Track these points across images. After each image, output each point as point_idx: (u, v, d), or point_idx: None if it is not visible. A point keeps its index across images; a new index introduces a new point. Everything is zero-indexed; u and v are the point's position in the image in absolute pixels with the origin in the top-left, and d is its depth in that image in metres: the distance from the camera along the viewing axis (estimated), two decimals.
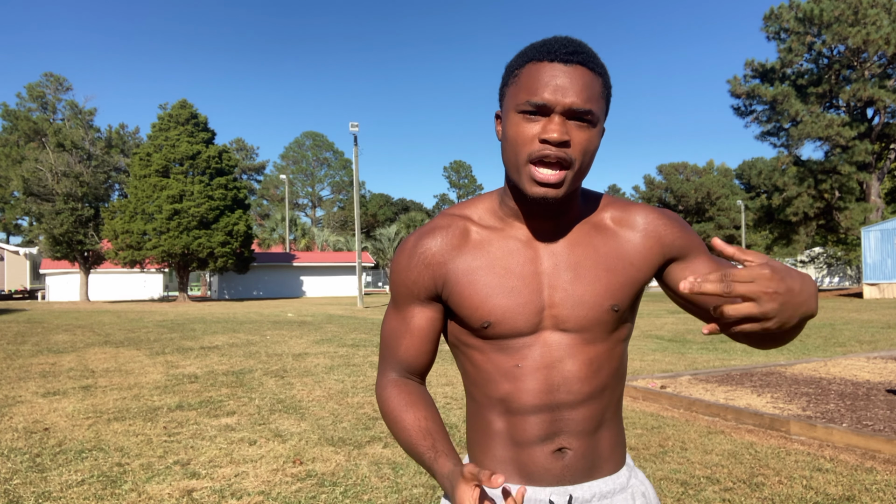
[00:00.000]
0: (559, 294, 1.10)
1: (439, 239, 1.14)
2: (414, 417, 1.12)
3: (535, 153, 1.01)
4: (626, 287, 1.12)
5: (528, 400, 1.11)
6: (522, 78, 1.04)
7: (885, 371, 7.86)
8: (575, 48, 1.03)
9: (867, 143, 33.97)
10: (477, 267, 1.12)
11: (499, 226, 1.15)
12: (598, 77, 1.04)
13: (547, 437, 1.11)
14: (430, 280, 1.14)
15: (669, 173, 77.18)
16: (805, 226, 39.17)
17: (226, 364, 9.76)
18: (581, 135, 1.02)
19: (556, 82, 1.00)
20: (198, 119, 38.63)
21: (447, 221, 1.17)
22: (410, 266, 1.15)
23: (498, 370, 1.12)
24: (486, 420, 1.16)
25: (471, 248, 1.13)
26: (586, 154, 1.04)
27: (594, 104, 1.02)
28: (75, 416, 6.15)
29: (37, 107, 56.04)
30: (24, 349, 11.95)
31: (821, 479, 4.00)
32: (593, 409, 1.13)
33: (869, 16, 31.44)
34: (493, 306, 1.09)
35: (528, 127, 1.02)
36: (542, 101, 1.00)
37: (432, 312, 1.17)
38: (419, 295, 1.16)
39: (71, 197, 37.37)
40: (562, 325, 1.11)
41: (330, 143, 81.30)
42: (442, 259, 1.13)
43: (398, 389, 1.17)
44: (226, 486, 4.07)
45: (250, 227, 39.72)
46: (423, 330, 1.18)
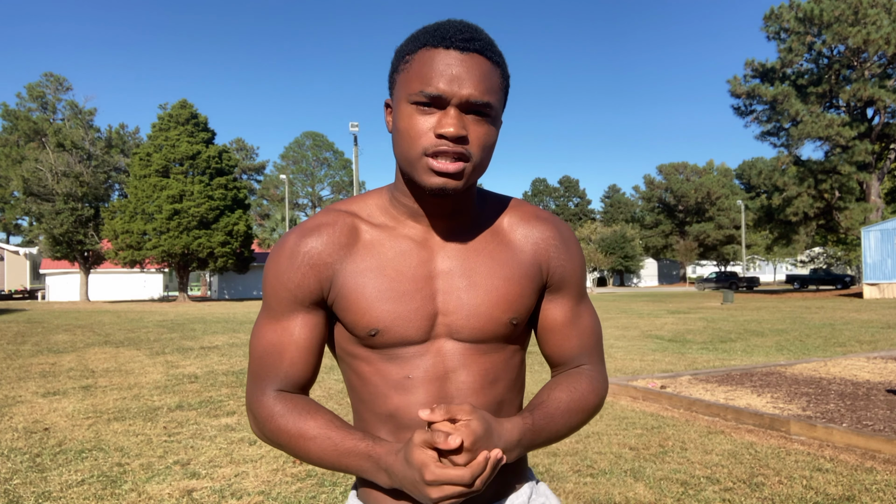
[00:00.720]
0: (453, 301, 1.02)
1: (325, 237, 1.03)
2: (322, 420, 0.99)
3: (431, 148, 0.93)
4: (524, 299, 1.05)
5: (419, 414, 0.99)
6: (415, 65, 0.94)
7: (885, 371, 7.86)
8: (472, 34, 0.94)
9: (867, 143, 33.96)
10: (365, 269, 1.02)
11: (390, 224, 1.05)
12: (496, 67, 0.96)
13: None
14: (315, 283, 1.02)
15: (669, 173, 77.16)
16: (805, 226, 39.16)
17: (226, 364, 9.76)
18: (479, 129, 0.94)
19: (452, 72, 0.92)
20: (198, 119, 38.64)
21: (333, 218, 1.05)
22: (293, 268, 1.02)
23: (386, 382, 1.02)
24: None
25: (360, 248, 1.03)
26: (484, 149, 0.96)
27: (492, 96, 0.94)
28: (75, 416, 6.15)
29: (37, 107, 56.01)
30: (24, 349, 11.95)
31: (821, 479, 4.00)
32: None
33: (869, 16, 31.43)
34: (382, 312, 1.00)
35: (421, 120, 0.93)
36: (437, 93, 0.92)
37: (317, 319, 1.05)
38: (303, 301, 1.03)
39: (71, 197, 37.37)
40: (456, 335, 1.02)
41: (330, 143, 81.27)
42: (329, 259, 1.02)
43: (287, 402, 1.02)
44: (226, 486, 4.07)
45: (250, 227, 39.74)
46: (309, 341, 1.04)
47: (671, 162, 78.16)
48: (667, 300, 32.81)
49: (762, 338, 12.81)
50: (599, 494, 3.81)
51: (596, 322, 1.15)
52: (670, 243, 74.55)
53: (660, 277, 78.64)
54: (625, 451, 4.70)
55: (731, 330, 14.65)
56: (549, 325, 1.11)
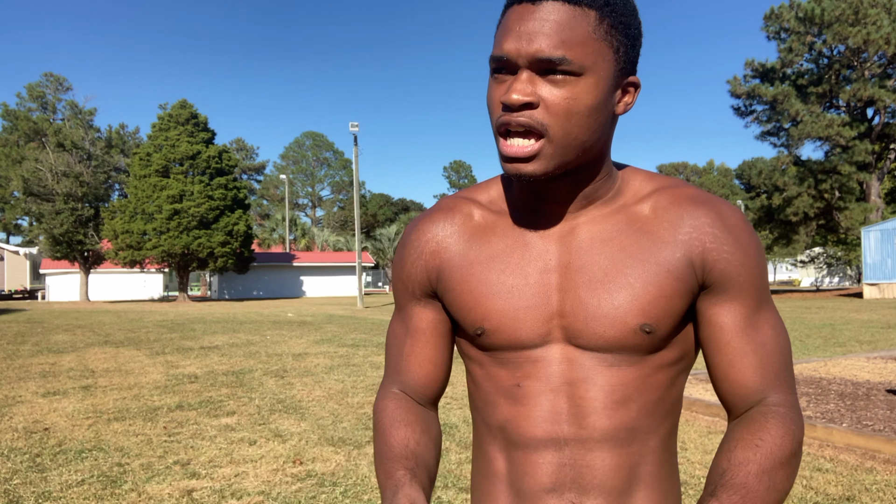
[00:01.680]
0: (570, 301, 0.87)
1: (437, 224, 0.95)
2: (404, 435, 0.90)
3: (497, 122, 0.81)
4: (663, 302, 0.85)
5: (530, 430, 0.88)
6: (497, 31, 0.83)
7: (885, 371, 7.86)
8: None
9: (867, 143, 33.97)
10: (475, 259, 0.91)
11: (507, 210, 0.93)
12: (586, 12, 0.78)
13: (554, 487, 0.86)
14: (423, 273, 0.95)
15: (669, 173, 77.23)
16: (805, 226, 39.17)
17: (226, 364, 9.76)
18: (558, 93, 0.78)
19: (520, 28, 0.78)
20: (198, 119, 38.64)
21: (451, 203, 0.97)
22: (405, 257, 0.97)
23: (497, 389, 0.91)
24: (487, 457, 0.94)
25: (471, 236, 0.93)
26: (570, 116, 0.79)
27: (572, 49, 0.77)
28: (75, 416, 6.15)
29: (37, 107, 56.05)
30: (24, 349, 11.95)
31: (821, 479, 4.00)
32: (619, 458, 0.86)
33: (869, 16, 31.44)
34: (489, 309, 0.88)
35: (495, 89, 0.82)
36: (503, 54, 0.79)
37: (433, 312, 0.96)
38: (414, 291, 0.96)
39: (71, 197, 37.38)
40: (575, 341, 0.87)
41: (330, 143, 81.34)
42: (436, 247, 0.94)
43: (397, 404, 0.96)
44: (226, 486, 4.07)
45: (250, 227, 39.73)
46: (424, 334, 0.96)
47: (671, 162, 78.21)
48: None
49: None
50: None
51: (783, 337, 0.88)
52: None
53: None
54: None
55: None
56: (716, 338, 0.87)
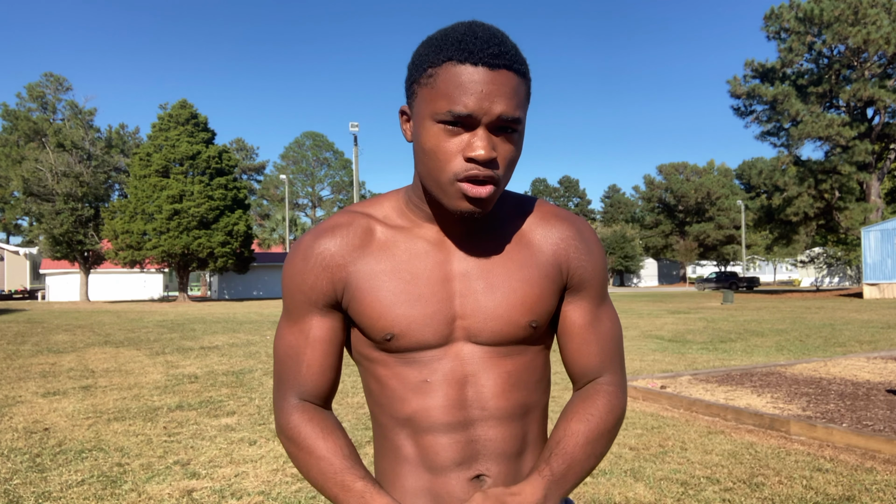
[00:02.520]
0: (471, 304, 0.99)
1: (339, 238, 1.01)
2: (334, 445, 0.98)
3: (462, 173, 0.90)
4: (544, 301, 1.02)
5: (438, 417, 0.99)
6: (440, 81, 0.89)
7: (885, 371, 7.86)
8: (499, 47, 0.89)
9: (867, 143, 33.96)
10: (380, 271, 0.99)
11: (406, 226, 1.03)
12: (523, 79, 0.92)
13: (462, 461, 1.00)
14: (328, 284, 1.01)
15: (669, 173, 77.15)
16: (805, 226, 39.17)
17: (226, 364, 9.76)
18: (507, 147, 0.92)
19: (482, 90, 0.88)
20: (198, 119, 38.65)
21: (348, 219, 1.03)
22: (307, 269, 1.01)
23: (405, 386, 1.00)
24: (393, 444, 1.04)
25: (374, 250, 1.01)
26: (510, 166, 0.94)
27: (521, 111, 0.92)
28: (75, 416, 6.15)
29: (37, 107, 56.02)
30: (24, 349, 11.95)
31: (821, 479, 4.00)
32: (513, 429, 1.02)
33: (869, 15, 31.43)
34: (397, 316, 0.98)
35: (449, 142, 0.90)
36: (468, 112, 0.88)
37: (333, 322, 1.03)
38: (317, 302, 1.02)
39: (71, 197, 37.38)
40: (474, 338, 1.00)
41: (330, 143, 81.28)
42: (342, 261, 1.00)
43: (307, 416, 1.02)
44: (226, 486, 4.07)
45: (250, 227, 39.74)
46: (325, 343, 1.03)
47: (671, 162, 78.18)
48: (667, 300, 32.81)
49: (762, 338, 12.81)
50: (599, 494, 3.81)
51: (617, 327, 1.11)
52: (670, 243, 74.53)
53: (660, 277, 78.63)
54: (625, 451, 4.70)
55: (731, 330, 14.65)
56: (569, 328, 1.07)
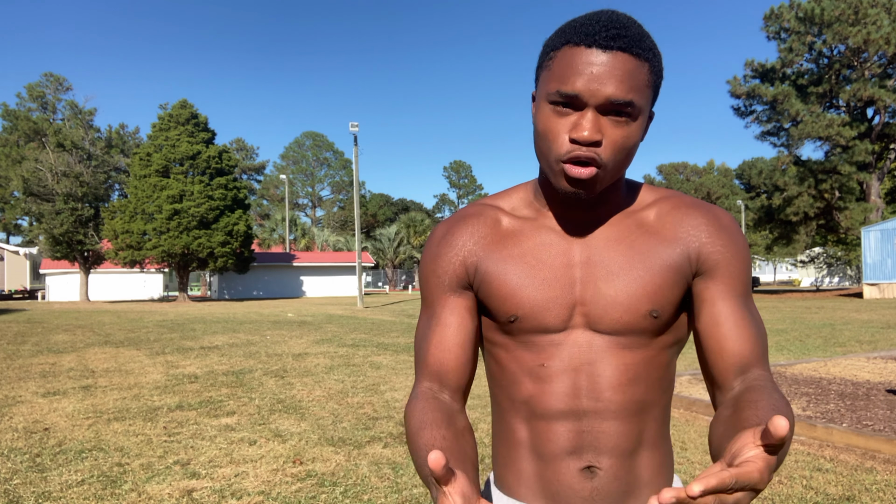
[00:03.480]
0: (591, 291, 1.01)
1: (471, 227, 1.07)
2: (430, 437, 0.92)
3: (565, 155, 0.92)
4: (667, 291, 1.00)
5: (552, 404, 1.01)
6: (556, 63, 0.93)
7: (885, 371, 7.86)
8: (618, 30, 0.89)
9: (867, 143, 33.96)
10: (507, 256, 1.04)
11: (532, 216, 1.07)
12: (643, 63, 0.91)
13: (574, 450, 1.01)
14: (461, 268, 1.06)
15: (669, 173, 77.15)
16: (805, 226, 39.17)
17: (226, 364, 9.76)
18: (617, 132, 0.92)
19: (592, 71, 0.89)
20: (198, 119, 38.63)
21: (478, 210, 1.09)
22: (440, 254, 1.07)
23: (522, 369, 1.04)
24: (510, 428, 1.07)
25: (502, 238, 1.06)
26: (621, 151, 0.93)
27: (636, 95, 0.91)
28: (75, 416, 6.15)
29: (37, 107, 56.06)
30: (24, 349, 11.95)
31: (821, 479, 4.00)
32: (629, 425, 1.01)
33: (869, 15, 31.43)
34: (522, 299, 1.01)
35: (558, 122, 0.93)
36: (575, 93, 0.90)
37: (465, 302, 1.06)
38: (450, 284, 1.06)
39: (71, 197, 37.37)
40: (594, 325, 1.01)
41: (330, 143, 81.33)
42: (473, 247, 1.06)
43: (424, 404, 0.99)
44: (226, 486, 4.07)
45: (250, 227, 39.71)
46: (455, 324, 1.06)
47: (671, 162, 78.09)
48: None
49: None
50: None
51: (763, 326, 1.02)
52: None
53: None
54: None
55: None
56: (712, 314, 0.98)
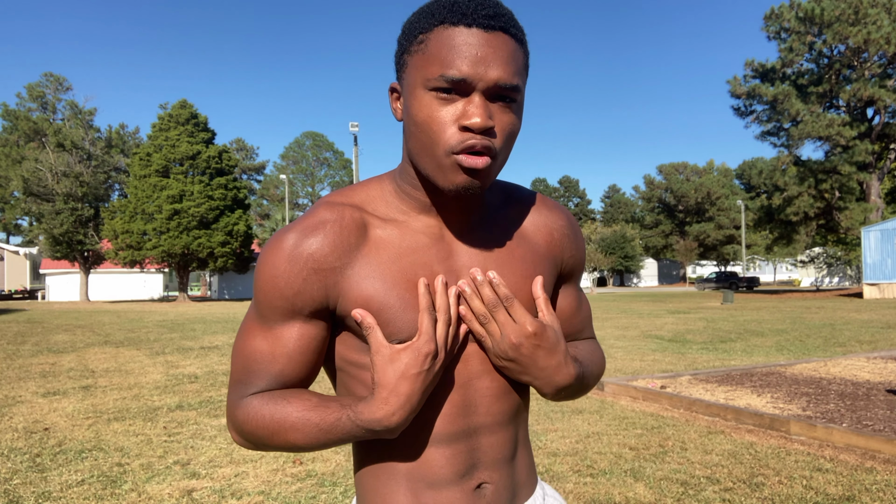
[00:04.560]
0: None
1: (330, 237, 0.88)
2: (299, 403, 0.89)
3: (458, 145, 0.82)
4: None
5: (440, 427, 0.91)
6: (432, 46, 0.82)
7: (885, 371, 7.86)
8: (495, 9, 0.83)
9: (867, 143, 33.96)
10: (381, 273, 0.89)
11: (400, 218, 0.93)
12: (520, 46, 0.85)
13: (465, 472, 0.93)
14: (320, 290, 0.88)
15: (669, 173, 77.15)
16: (805, 226, 39.15)
17: (226, 364, 9.75)
18: (505, 118, 0.84)
19: (477, 53, 0.81)
20: (198, 119, 38.65)
21: (337, 213, 0.90)
22: (293, 273, 0.87)
23: None
24: (384, 461, 0.94)
25: (371, 248, 0.90)
26: (510, 140, 0.86)
27: (520, 79, 0.84)
28: (75, 416, 6.15)
29: (37, 107, 56.05)
30: (24, 349, 11.95)
31: (821, 479, 4.00)
32: (509, 432, 0.97)
33: (870, 15, 31.43)
34: (406, 322, 0.88)
35: (443, 111, 0.82)
36: (461, 76, 0.80)
37: (316, 330, 0.91)
38: (303, 310, 0.89)
39: (71, 197, 37.38)
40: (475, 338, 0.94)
41: (330, 143, 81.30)
42: (337, 263, 0.88)
43: (263, 396, 0.91)
44: (226, 486, 4.07)
45: (250, 227, 39.74)
46: (304, 354, 0.91)
47: (671, 162, 78.20)
48: (667, 300, 32.81)
49: (762, 338, 12.81)
50: (599, 494, 3.81)
51: (588, 303, 1.17)
52: (670, 243, 74.54)
53: (660, 277, 78.62)
54: (625, 451, 4.70)
55: (731, 330, 14.65)
56: (559, 314, 1.08)
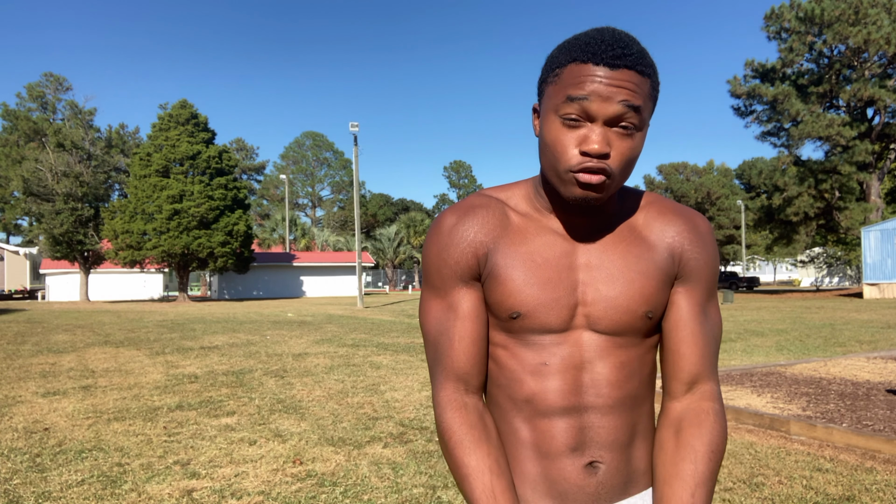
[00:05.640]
0: (592, 293, 1.05)
1: (480, 217, 1.08)
2: (477, 465, 1.02)
3: (576, 166, 0.97)
4: (659, 294, 1.07)
5: (554, 401, 1.05)
6: (565, 78, 0.97)
7: (885, 371, 7.86)
8: (623, 49, 0.95)
9: (867, 143, 33.95)
10: (515, 252, 1.06)
11: (534, 215, 1.10)
12: (645, 79, 0.97)
13: (577, 446, 1.05)
14: (473, 259, 1.06)
15: (669, 173, 77.13)
16: (805, 226, 39.16)
17: (226, 364, 9.75)
18: (624, 144, 0.97)
19: (601, 88, 0.94)
20: (198, 119, 38.62)
21: (485, 201, 1.10)
22: (452, 243, 1.07)
23: (524, 368, 1.06)
24: (511, 427, 1.09)
25: (511, 233, 1.08)
26: (627, 163, 0.99)
27: (640, 110, 0.97)
28: (75, 416, 6.15)
29: (37, 107, 56.06)
30: (24, 349, 11.95)
31: (821, 479, 4.00)
32: (625, 419, 1.08)
33: (870, 15, 31.43)
34: (526, 296, 1.04)
35: (568, 135, 0.97)
36: (583, 109, 0.95)
37: (479, 294, 1.08)
38: (464, 276, 1.07)
39: (71, 197, 37.36)
40: (594, 326, 1.05)
41: (330, 143, 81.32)
42: (485, 238, 1.07)
43: (461, 417, 1.05)
44: (226, 486, 4.07)
45: (250, 227, 39.72)
46: (475, 315, 1.07)
47: (671, 162, 78.10)
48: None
49: (762, 338, 12.81)
50: None
51: (720, 327, 1.14)
52: None
53: None
54: None
55: (731, 330, 14.65)
56: (675, 317, 1.09)
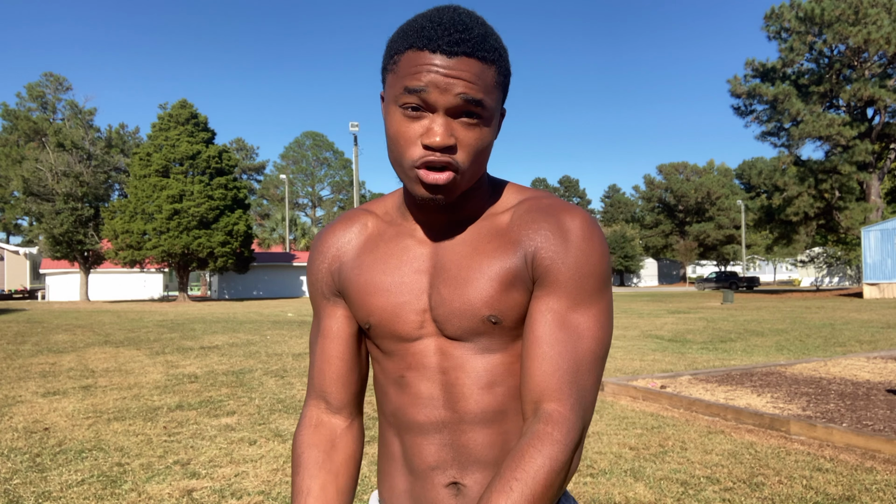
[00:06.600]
0: (435, 297, 0.98)
1: (339, 232, 1.08)
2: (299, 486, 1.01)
3: (420, 160, 0.89)
4: (505, 296, 0.94)
5: (414, 416, 0.99)
6: (401, 67, 0.90)
7: (885, 371, 7.86)
8: (461, 34, 0.87)
9: (867, 143, 33.95)
10: (365, 262, 1.03)
11: (398, 220, 1.05)
12: (489, 66, 0.89)
13: (438, 464, 0.98)
14: (328, 275, 1.06)
15: (669, 173, 77.15)
16: (805, 226, 39.15)
17: (226, 364, 9.76)
18: (469, 134, 0.90)
19: (438, 79, 0.86)
20: (198, 119, 38.63)
21: (350, 215, 1.10)
22: (313, 262, 1.09)
23: (388, 379, 1.02)
24: (385, 440, 1.06)
25: (364, 242, 1.05)
26: (476, 154, 0.91)
27: (485, 95, 0.89)
28: (75, 416, 6.15)
29: (37, 107, 56.06)
30: (24, 349, 11.95)
31: (821, 479, 4.00)
32: (493, 435, 0.97)
33: (870, 15, 31.43)
34: (373, 306, 1.00)
35: (409, 126, 0.90)
36: (422, 100, 0.88)
37: (342, 309, 1.06)
38: (325, 293, 1.07)
39: (71, 197, 37.37)
40: (443, 331, 0.98)
41: (330, 143, 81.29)
42: (338, 252, 1.06)
43: (307, 437, 1.05)
44: (226, 486, 4.07)
45: (250, 226, 39.73)
46: (338, 331, 1.05)
47: (671, 162, 78.22)
48: (667, 300, 32.81)
49: (762, 338, 12.81)
50: (599, 494, 3.81)
51: (596, 339, 0.93)
52: (670, 243, 74.56)
53: (660, 277, 78.61)
54: (625, 451, 4.70)
55: (731, 330, 14.65)
56: (526, 325, 0.95)
